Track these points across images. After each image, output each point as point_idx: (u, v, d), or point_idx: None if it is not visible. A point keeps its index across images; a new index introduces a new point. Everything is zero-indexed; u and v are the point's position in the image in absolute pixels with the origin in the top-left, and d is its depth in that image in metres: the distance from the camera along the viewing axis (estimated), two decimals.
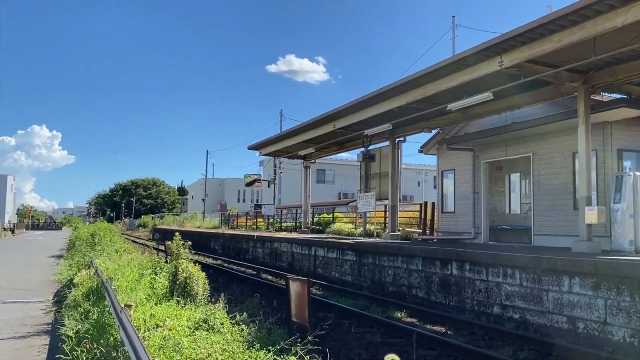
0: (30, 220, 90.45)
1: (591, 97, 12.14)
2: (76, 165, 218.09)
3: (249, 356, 5.41)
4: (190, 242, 9.76)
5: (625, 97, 12.93)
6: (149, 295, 8.67)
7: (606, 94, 13.52)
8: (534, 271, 9.90)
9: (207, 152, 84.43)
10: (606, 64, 11.13)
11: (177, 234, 9.93)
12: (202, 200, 65.40)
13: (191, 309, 7.66)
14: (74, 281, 11.62)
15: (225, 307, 7.76)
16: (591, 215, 11.23)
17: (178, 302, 8.23)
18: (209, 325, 6.59)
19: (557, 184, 15.12)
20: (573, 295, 9.12)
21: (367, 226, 21.18)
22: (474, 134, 17.61)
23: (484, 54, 11.17)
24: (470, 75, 11.91)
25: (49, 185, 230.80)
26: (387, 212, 20.28)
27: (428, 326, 10.15)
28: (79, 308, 8.64)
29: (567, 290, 9.23)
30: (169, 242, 9.73)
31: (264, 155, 29.46)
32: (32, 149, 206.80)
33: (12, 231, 61.48)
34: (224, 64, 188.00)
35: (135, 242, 36.77)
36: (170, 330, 6.00)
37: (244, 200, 78.02)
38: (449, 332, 9.66)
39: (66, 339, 6.87)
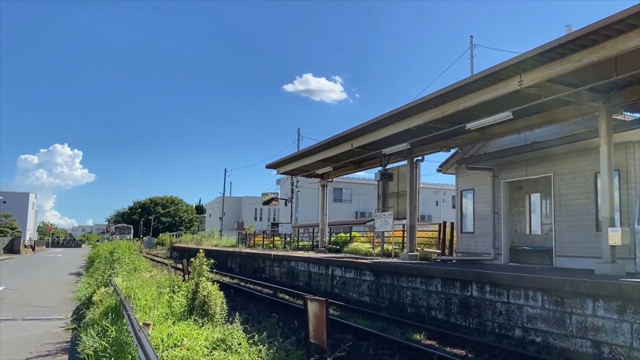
0: (51, 238, 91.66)
1: (613, 116, 12.00)
2: (96, 183, 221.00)
3: None
4: (212, 261, 9.74)
5: None
6: (166, 314, 8.66)
7: (628, 113, 13.35)
8: (556, 293, 9.69)
9: (225, 171, 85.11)
10: (628, 83, 11.01)
11: (201, 250, 9.91)
12: (220, 218, 65.74)
13: (209, 329, 7.61)
14: (93, 299, 11.68)
15: (242, 327, 7.72)
16: (614, 236, 11.00)
17: (196, 321, 8.20)
18: (226, 345, 6.54)
19: (579, 205, 14.88)
20: (597, 319, 8.90)
21: (385, 246, 21.03)
22: (493, 153, 17.47)
23: (503, 74, 11.12)
24: (490, 95, 11.86)
25: (69, 203, 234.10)
26: (405, 232, 20.12)
27: (448, 349, 9.97)
28: (97, 326, 8.66)
29: (591, 313, 9.01)
30: (193, 259, 9.69)
31: (282, 173, 29.54)
32: (54, 167, 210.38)
33: (33, 248, 62.33)
34: (241, 83, 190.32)
35: (153, 260, 36.93)
36: (188, 350, 5.97)
37: (260, 219, 78.14)
38: (469, 355, 9.48)
39: (85, 357, 6.88)
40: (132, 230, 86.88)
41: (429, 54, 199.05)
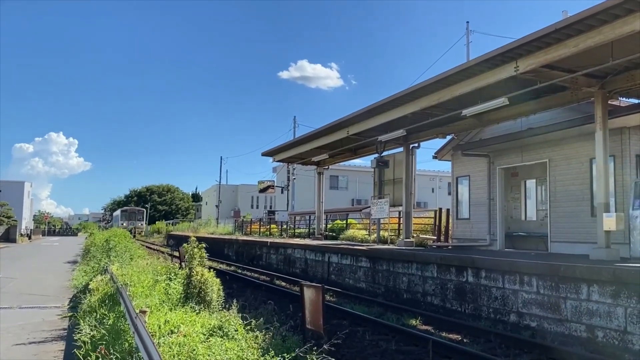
0: (47, 227, 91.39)
1: (609, 102, 12.00)
2: (92, 171, 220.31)
3: None
4: (204, 244, 9.71)
5: None
6: (163, 301, 8.68)
7: (624, 98, 13.35)
8: (551, 279, 9.76)
9: (221, 159, 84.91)
10: (624, 69, 11.00)
11: (192, 236, 9.88)
12: (216, 206, 65.67)
13: (205, 315, 7.64)
14: (90, 287, 11.70)
15: (239, 313, 7.75)
16: (609, 222, 11.06)
17: (192, 308, 8.23)
18: (223, 331, 6.56)
19: (574, 191, 14.93)
20: (592, 304, 8.97)
21: (381, 233, 21.08)
22: (489, 139, 17.48)
23: (499, 60, 11.10)
24: (486, 81, 11.84)
25: (65, 192, 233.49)
26: (401, 219, 20.17)
27: (444, 334, 10.05)
28: (94, 314, 8.69)
29: (586, 298, 9.08)
30: (185, 245, 9.66)
31: (278, 161, 29.54)
32: (49, 156, 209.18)
33: (29, 237, 62.20)
34: (236, 71, 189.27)
35: (150, 248, 36.98)
36: (185, 336, 5.98)
37: (257, 207, 78.15)
38: (465, 340, 9.55)
39: (82, 345, 6.90)
40: (146, 215, 68.25)
41: (425, 41, 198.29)
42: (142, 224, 63.85)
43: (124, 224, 59.42)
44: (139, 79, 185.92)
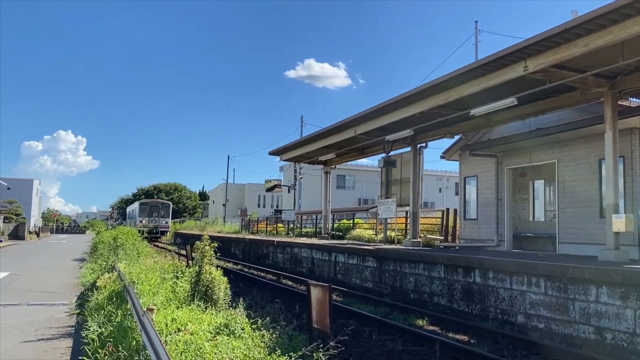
0: (55, 224, 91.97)
1: (618, 102, 11.90)
2: (100, 170, 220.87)
3: None
4: (216, 244, 9.69)
5: None
6: (170, 299, 8.70)
7: (634, 99, 13.24)
8: (559, 280, 9.70)
9: (229, 158, 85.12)
10: (634, 69, 10.91)
11: (205, 235, 9.85)
12: (223, 205, 65.79)
13: (212, 314, 7.65)
14: (97, 284, 11.75)
15: (246, 312, 7.75)
16: (618, 223, 10.98)
17: (199, 306, 8.24)
18: (230, 330, 6.56)
19: (583, 191, 14.83)
20: (600, 305, 8.90)
21: (388, 232, 21.02)
22: (497, 140, 17.39)
23: (508, 59, 11.03)
24: (494, 81, 11.77)
25: (74, 190, 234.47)
26: (408, 219, 20.11)
27: (450, 334, 10.01)
28: (101, 311, 8.72)
29: (594, 299, 9.01)
30: (197, 243, 9.62)
31: (285, 160, 29.53)
32: (58, 154, 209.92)
33: (37, 234, 62.59)
34: (242, 70, 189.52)
35: (157, 246, 37.12)
36: (191, 334, 5.98)
37: (264, 206, 78.25)
38: (472, 341, 9.50)
39: (89, 342, 6.93)
40: (170, 209, 51.70)
41: (434, 40, 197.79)
42: (166, 222, 49.08)
43: (144, 222, 46.90)
44: (146, 78, 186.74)
